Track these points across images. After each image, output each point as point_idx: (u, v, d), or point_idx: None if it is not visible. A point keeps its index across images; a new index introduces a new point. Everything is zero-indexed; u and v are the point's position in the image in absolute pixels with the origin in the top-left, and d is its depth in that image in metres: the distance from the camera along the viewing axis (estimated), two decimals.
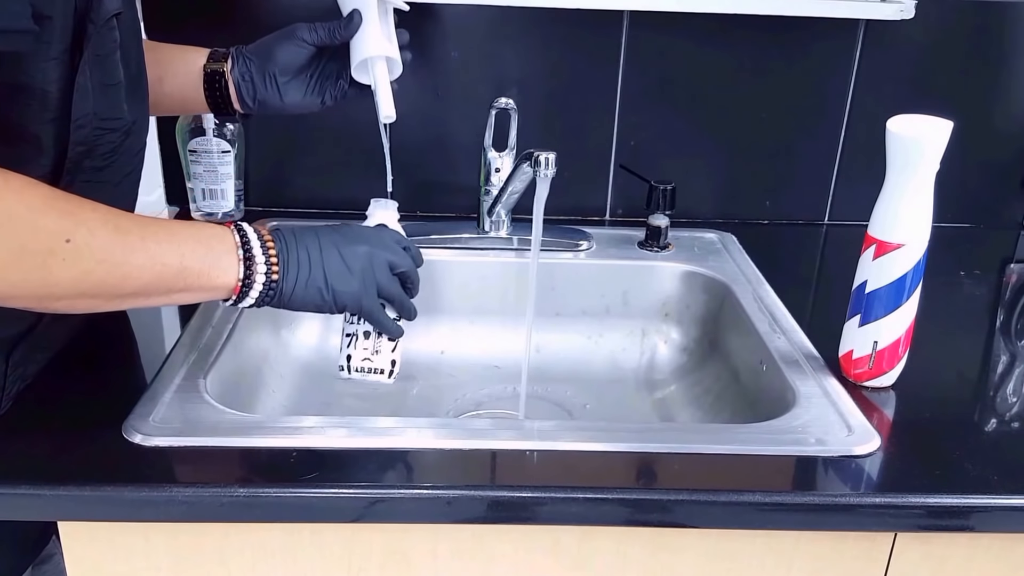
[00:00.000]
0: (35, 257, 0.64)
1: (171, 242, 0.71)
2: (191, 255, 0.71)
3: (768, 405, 0.88)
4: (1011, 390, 0.90)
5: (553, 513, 0.71)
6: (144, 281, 0.69)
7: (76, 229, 0.65)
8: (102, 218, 0.67)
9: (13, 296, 0.66)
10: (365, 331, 0.86)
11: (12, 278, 0.64)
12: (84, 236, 0.65)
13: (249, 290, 0.75)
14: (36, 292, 0.66)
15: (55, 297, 0.67)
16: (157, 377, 0.82)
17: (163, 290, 0.71)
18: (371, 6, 0.91)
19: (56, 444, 0.73)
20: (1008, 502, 0.73)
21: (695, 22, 1.16)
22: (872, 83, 1.22)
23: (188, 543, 0.74)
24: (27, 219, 0.63)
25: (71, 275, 0.66)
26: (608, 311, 1.14)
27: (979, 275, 1.16)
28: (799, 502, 0.72)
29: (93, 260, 0.66)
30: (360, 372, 0.88)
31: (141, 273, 0.69)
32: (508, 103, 1.09)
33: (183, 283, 0.71)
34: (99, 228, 0.67)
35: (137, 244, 0.69)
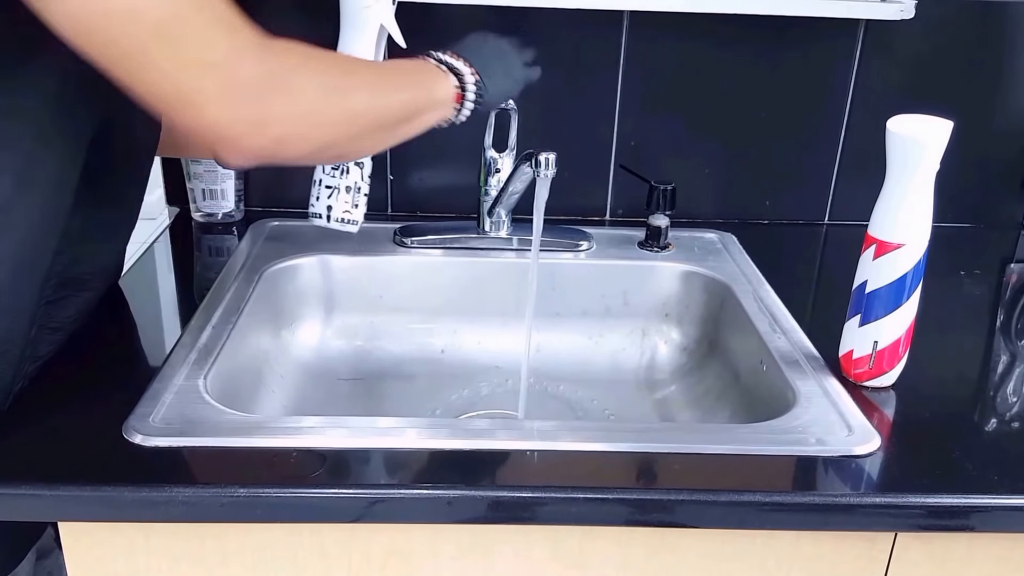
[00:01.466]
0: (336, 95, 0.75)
1: (402, 75, 0.85)
2: (421, 83, 0.85)
3: (768, 405, 0.88)
4: (1011, 390, 0.90)
5: (553, 513, 0.71)
6: (401, 109, 0.82)
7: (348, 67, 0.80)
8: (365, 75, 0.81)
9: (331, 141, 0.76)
10: (347, 186, 1.01)
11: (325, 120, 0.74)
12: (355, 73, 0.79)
13: (466, 93, 0.87)
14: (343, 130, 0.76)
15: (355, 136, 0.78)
16: (157, 377, 0.82)
17: (412, 113, 0.83)
18: (370, 34, 0.98)
19: (56, 444, 0.74)
20: (1008, 502, 0.73)
21: (695, 22, 1.16)
22: (872, 83, 1.22)
23: (188, 543, 0.74)
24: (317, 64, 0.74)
25: (360, 118, 0.77)
26: (608, 311, 1.15)
27: (979, 275, 1.16)
28: (799, 502, 0.72)
29: (365, 94, 0.78)
30: (339, 223, 1.05)
31: (398, 102, 0.81)
32: (508, 104, 1.09)
33: (423, 102, 0.84)
34: (362, 68, 0.85)
35: (388, 79, 0.82)
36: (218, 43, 0.66)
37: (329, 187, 1.02)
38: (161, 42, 0.63)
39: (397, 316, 1.13)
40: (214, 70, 0.66)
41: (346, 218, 1.05)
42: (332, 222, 1.05)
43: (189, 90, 0.65)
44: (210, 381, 0.83)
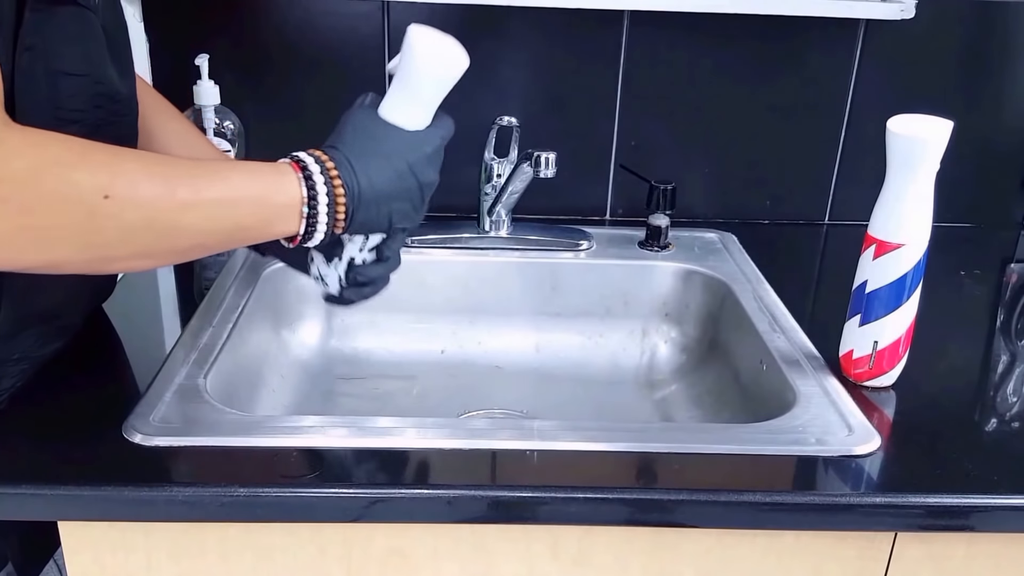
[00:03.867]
0: (74, 216, 0.59)
1: (226, 196, 0.66)
2: (248, 214, 0.67)
3: (768, 405, 0.88)
4: (1011, 390, 0.90)
5: (553, 513, 0.71)
6: (197, 240, 0.66)
7: (114, 182, 0.60)
8: (145, 168, 0.62)
9: (64, 260, 0.62)
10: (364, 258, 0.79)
11: (55, 240, 0.60)
12: (125, 190, 0.61)
13: (310, 239, 0.71)
14: (85, 255, 0.62)
15: (107, 259, 0.64)
16: (157, 377, 0.82)
17: (220, 244, 0.69)
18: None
19: (56, 444, 0.73)
20: (1008, 502, 0.73)
21: (695, 22, 1.16)
22: (872, 83, 1.22)
23: (188, 543, 0.74)
24: (60, 175, 0.59)
25: (116, 235, 0.61)
26: (608, 311, 1.15)
27: (979, 275, 1.16)
28: (799, 502, 0.72)
29: (138, 216, 0.62)
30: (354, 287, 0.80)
31: (193, 232, 0.65)
32: (511, 121, 1.10)
33: (240, 237, 0.69)
34: (142, 180, 0.62)
35: (187, 197, 0.63)
36: None
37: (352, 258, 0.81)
38: None
39: (397, 316, 1.13)
40: None
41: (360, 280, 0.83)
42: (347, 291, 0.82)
43: None
44: (210, 381, 0.83)
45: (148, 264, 0.68)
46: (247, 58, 1.18)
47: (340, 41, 1.18)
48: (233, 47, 1.17)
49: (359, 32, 1.17)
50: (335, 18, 1.17)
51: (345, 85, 1.20)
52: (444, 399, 1.07)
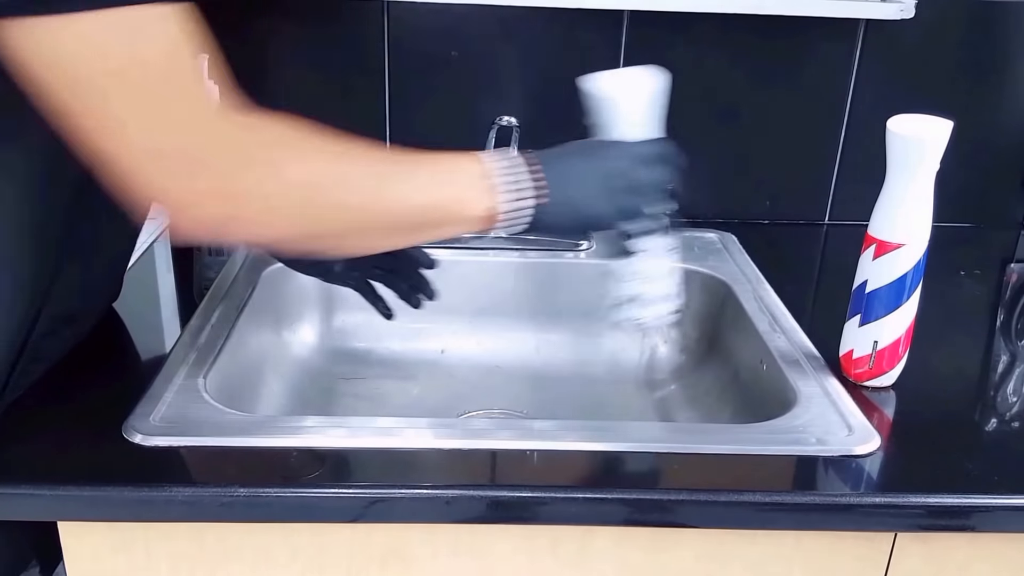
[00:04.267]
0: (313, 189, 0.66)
1: (423, 174, 0.71)
2: (446, 188, 0.71)
3: (768, 405, 0.88)
4: (1011, 390, 0.90)
5: (553, 513, 0.71)
6: (404, 218, 0.71)
7: (343, 158, 0.68)
8: (360, 150, 0.69)
9: (285, 237, 0.68)
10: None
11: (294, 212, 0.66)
12: (351, 165, 0.68)
13: (502, 222, 0.73)
14: (302, 230, 0.68)
15: (318, 236, 0.69)
16: (157, 377, 0.82)
17: (418, 227, 0.72)
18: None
19: (56, 444, 0.74)
20: (1008, 502, 0.73)
21: (695, 22, 1.15)
22: (872, 83, 1.22)
23: (188, 543, 0.74)
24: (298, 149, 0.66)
25: (344, 209, 0.68)
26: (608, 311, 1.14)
27: (979, 275, 1.16)
28: (799, 502, 0.72)
29: (354, 187, 0.68)
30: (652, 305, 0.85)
31: (400, 205, 0.70)
32: (511, 121, 1.09)
33: (438, 219, 0.72)
34: (361, 158, 0.69)
35: (390, 177, 0.70)
36: (179, 104, 0.61)
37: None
38: (120, 90, 0.59)
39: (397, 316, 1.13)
40: (169, 133, 0.60)
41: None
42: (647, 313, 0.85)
43: (139, 150, 0.60)
44: (210, 381, 0.83)
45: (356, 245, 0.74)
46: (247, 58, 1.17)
47: (340, 41, 1.18)
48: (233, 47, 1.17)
49: (359, 32, 1.17)
50: (336, 18, 1.16)
51: (345, 85, 1.20)
52: (444, 399, 1.07)
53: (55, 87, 0.59)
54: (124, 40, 0.58)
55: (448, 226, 0.73)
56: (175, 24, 0.60)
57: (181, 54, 0.61)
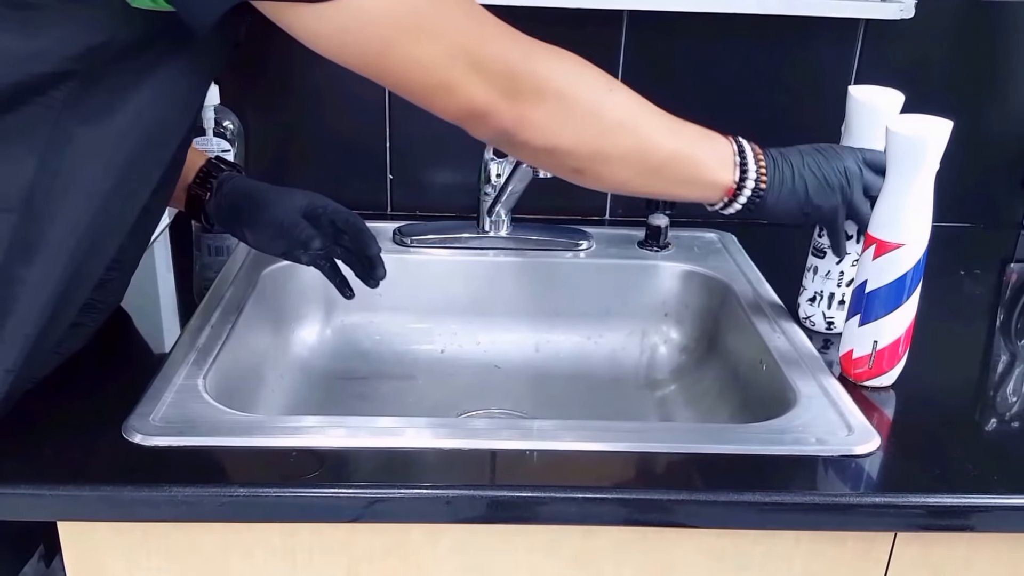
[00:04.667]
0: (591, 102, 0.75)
1: (685, 129, 0.79)
2: (702, 146, 0.80)
3: (768, 405, 0.88)
4: (1011, 390, 0.90)
5: (553, 513, 0.71)
6: (665, 156, 0.78)
7: (615, 84, 0.77)
8: (641, 102, 0.78)
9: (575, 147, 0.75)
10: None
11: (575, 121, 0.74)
12: (622, 92, 0.77)
13: (739, 194, 0.81)
14: (590, 143, 0.75)
15: (603, 156, 0.76)
16: (157, 377, 0.82)
17: (675, 173, 0.79)
18: None
19: (56, 444, 0.73)
20: (1008, 502, 0.73)
21: (695, 22, 1.15)
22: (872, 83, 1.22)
23: (188, 543, 0.74)
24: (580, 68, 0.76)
25: (615, 127, 0.75)
26: (608, 311, 1.14)
27: (979, 275, 1.16)
28: (799, 502, 0.72)
29: (630, 116, 0.76)
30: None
31: (663, 147, 0.77)
32: None
33: (691, 171, 0.79)
34: (629, 91, 0.78)
35: (659, 120, 0.78)
36: (468, 28, 0.69)
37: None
38: (413, 37, 0.66)
39: (397, 316, 1.13)
40: (464, 54, 0.68)
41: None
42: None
43: (441, 80, 0.69)
44: (210, 381, 0.83)
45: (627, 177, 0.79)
46: (246, 58, 1.18)
47: None
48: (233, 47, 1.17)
49: None
50: None
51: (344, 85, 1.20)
52: (443, 399, 1.07)
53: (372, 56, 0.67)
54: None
55: (694, 185, 0.81)
56: None
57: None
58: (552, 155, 0.76)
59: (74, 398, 0.80)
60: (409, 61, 0.68)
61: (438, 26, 0.68)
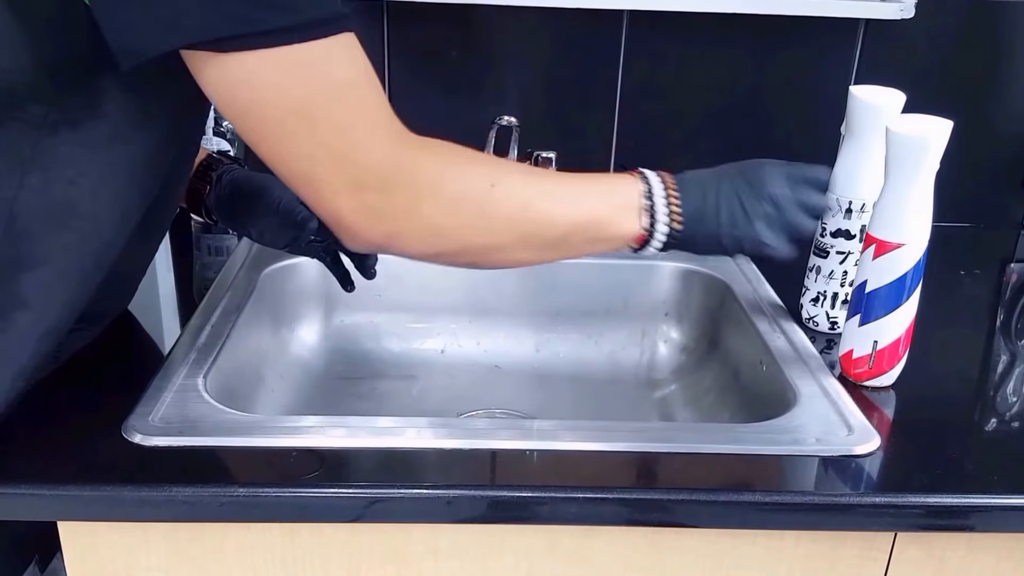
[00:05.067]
0: (471, 204, 0.71)
1: (583, 191, 0.76)
2: (603, 204, 0.76)
3: (768, 404, 0.88)
4: (1011, 390, 0.90)
5: (553, 513, 0.71)
6: (563, 231, 0.74)
7: (499, 175, 0.73)
8: (516, 167, 0.76)
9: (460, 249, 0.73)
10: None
11: (455, 226, 0.71)
12: (507, 181, 0.72)
13: (651, 239, 0.77)
14: (477, 241, 0.72)
15: (495, 248, 0.73)
16: (157, 377, 0.82)
17: (578, 240, 0.76)
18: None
19: (56, 444, 0.74)
20: (1008, 502, 0.73)
21: (695, 22, 1.16)
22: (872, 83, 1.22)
23: (188, 543, 0.74)
24: (458, 168, 0.72)
25: (502, 222, 0.72)
26: (608, 311, 1.14)
27: (979, 275, 1.16)
28: (799, 502, 0.72)
29: (518, 206, 0.73)
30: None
31: (559, 223, 0.74)
32: (511, 120, 1.09)
33: (595, 232, 0.76)
34: (516, 174, 0.75)
35: (552, 195, 0.75)
36: (354, 132, 0.66)
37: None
38: (299, 122, 0.64)
39: (397, 316, 1.13)
40: (343, 159, 0.66)
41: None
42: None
43: (316, 174, 0.66)
44: (210, 380, 0.83)
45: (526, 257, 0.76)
46: None
47: None
48: None
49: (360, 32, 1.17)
50: None
51: None
52: (444, 399, 1.07)
53: (252, 118, 0.64)
54: (322, 69, 0.63)
55: (602, 243, 0.77)
56: (356, 51, 0.65)
57: (369, 78, 0.66)
58: (438, 258, 0.75)
59: (74, 398, 0.80)
60: (281, 141, 0.65)
61: (319, 116, 0.64)
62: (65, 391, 0.81)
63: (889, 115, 0.83)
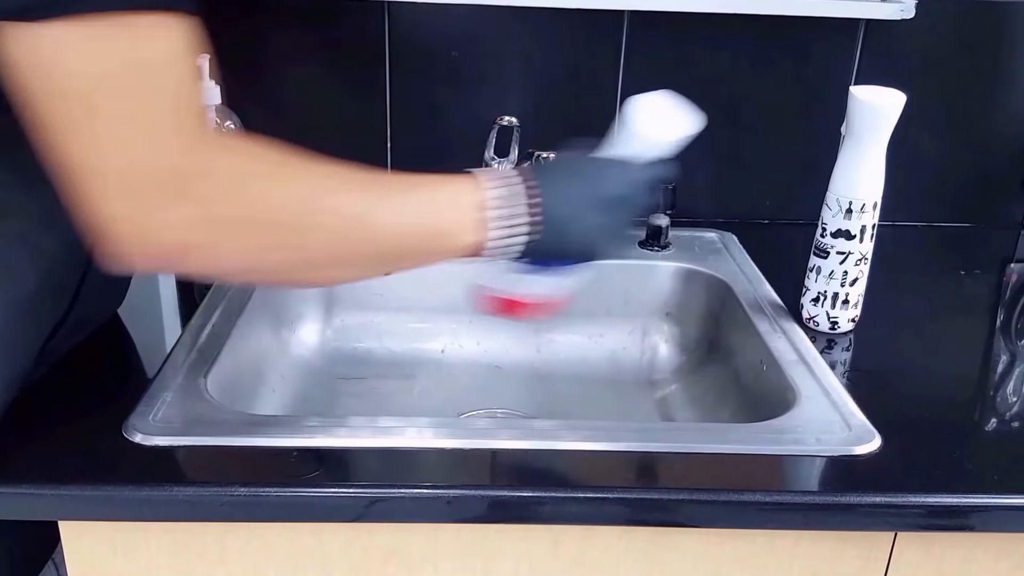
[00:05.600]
0: (273, 218, 0.63)
1: (416, 203, 0.69)
2: (434, 219, 0.70)
3: (768, 404, 0.88)
4: (1011, 390, 0.90)
5: (553, 513, 0.71)
6: (389, 247, 0.68)
7: (313, 185, 0.64)
8: (341, 183, 0.66)
9: (268, 270, 0.66)
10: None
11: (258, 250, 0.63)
12: (319, 193, 0.64)
13: (493, 252, 0.72)
14: (286, 264, 0.66)
15: (307, 267, 0.67)
16: (158, 376, 0.82)
17: (409, 255, 0.71)
18: None
19: (57, 444, 0.74)
20: (1008, 502, 0.73)
21: (695, 22, 1.16)
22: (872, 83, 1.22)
23: (188, 542, 0.74)
24: (264, 190, 0.62)
25: (317, 244, 0.65)
26: (608, 311, 1.14)
27: (979, 275, 1.16)
28: (799, 502, 0.72)
29: (338, 226, 0.65)
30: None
31: (386, 239, 0.68)
32: (511, 121, 1.09)
33: (427, 246, 0.70)
34: (340, 192, 0.66)
35: (378, 208, 0.67)
36: (140, 124, 0.57)
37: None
38: (108, 99, 0.56)
39: (397, 316, 1.14)
40: (121, 154, 0.57)
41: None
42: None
43: (89, 168, 0.57)
44: (211, 380, 0.83)
45: (345, 275, 0.73)
46: (248, 58, 1.18)
47: (341, 41, 1.18)
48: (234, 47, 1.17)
49: (360, 32, 1.17)
50: (336, 18, 1.17)
51: (345, 85, 1.20)
52: (444, 399, 1.07)
53: (43, 95, 0.56)
54: (120, 46, 0.55)
55: (433, 256, 0.71)
56: (173, 35, 0.57)
57: (174, 67, 0.58)
58: (247, 276, 0.68)
59: (75, 398, 0.80)
60: (63, 128, 0.56)
61: (104, 99, 0.56)
62: (66, 390, 0.81)
63: (889, 115, 0.84)
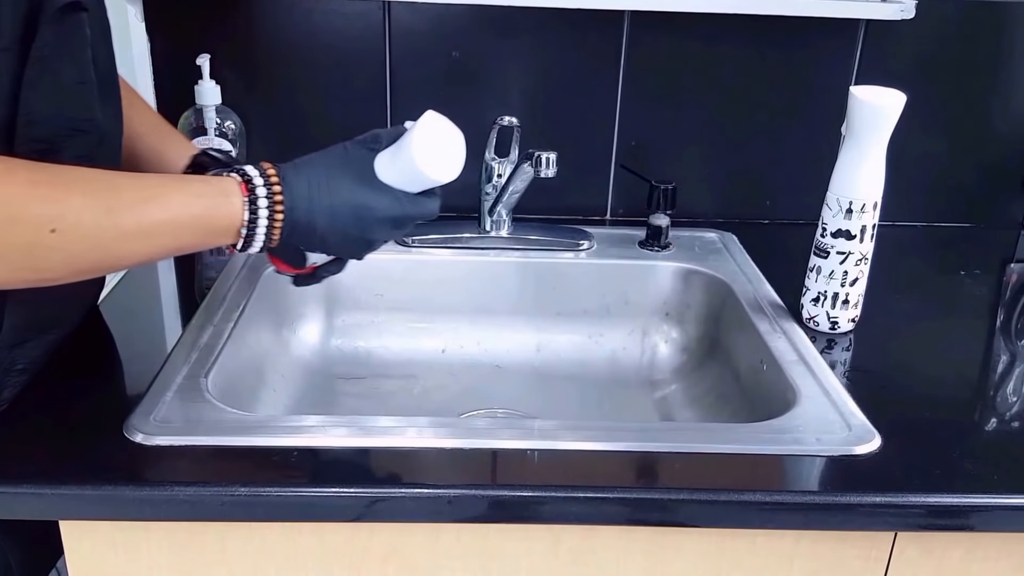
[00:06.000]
0: (18, 251, 0.63)
1: (168, 221, 0.69)
2: (189, 237, 0.71)
3: (768, 404, 0.88)
4: (1011, 390, 0.90)
5: (553, 512, 0.72)
6: (138, 260, 0.70)
7: (62, 217, 0.63)
8: (91, 202, 0.65)
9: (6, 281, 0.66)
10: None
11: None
12: (71, 223, 0.63)
13: (251, 244, 0.73)
14: (28, 278, 0.66)
15: (49, 280, 0.67)
16: (158, 376, 0.82)
17: (161, 258, 0.73)
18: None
19: (57, 443, 0.74)
20: (1008, 502, 0.73)
21: (695, 22, 1.16)
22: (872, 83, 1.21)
23: (189, 542, 0.74)
24: (5, 211, 0.61)
25: (60, 262, 0.65)
26: (609, 311, 1.15)
27: (979, 275, 1.16)
28: (799, 502, 0.72)
29: (83, 247, 0.65)
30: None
31: (135, 255, 0.69)
32: (512, 121, 1.10)
33: (181, 251, 0.73)
34: (87, 213, 0.64)
35: (130, 226, 0.67)
36: None
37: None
38: None
39: (397, 316, 1.14)
40: None
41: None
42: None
43: None
44: (211, 380, 0.83)
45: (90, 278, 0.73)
46: (248, 58, 1.18)
47: (341, 41, 1.18)
48: (234, 47, 1.17)
49: (360, 32, 1.17)
50: (336, 18, 1.17)
51: (346, 85, 1.20)
52: (444, 399, 1.07)
53: None
54: None
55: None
56: None
57: None
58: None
59: (75, 397, 0.80)
60: None
61: None
62: (66, 390, 0.81)
63: (889, 115, 0.84)
